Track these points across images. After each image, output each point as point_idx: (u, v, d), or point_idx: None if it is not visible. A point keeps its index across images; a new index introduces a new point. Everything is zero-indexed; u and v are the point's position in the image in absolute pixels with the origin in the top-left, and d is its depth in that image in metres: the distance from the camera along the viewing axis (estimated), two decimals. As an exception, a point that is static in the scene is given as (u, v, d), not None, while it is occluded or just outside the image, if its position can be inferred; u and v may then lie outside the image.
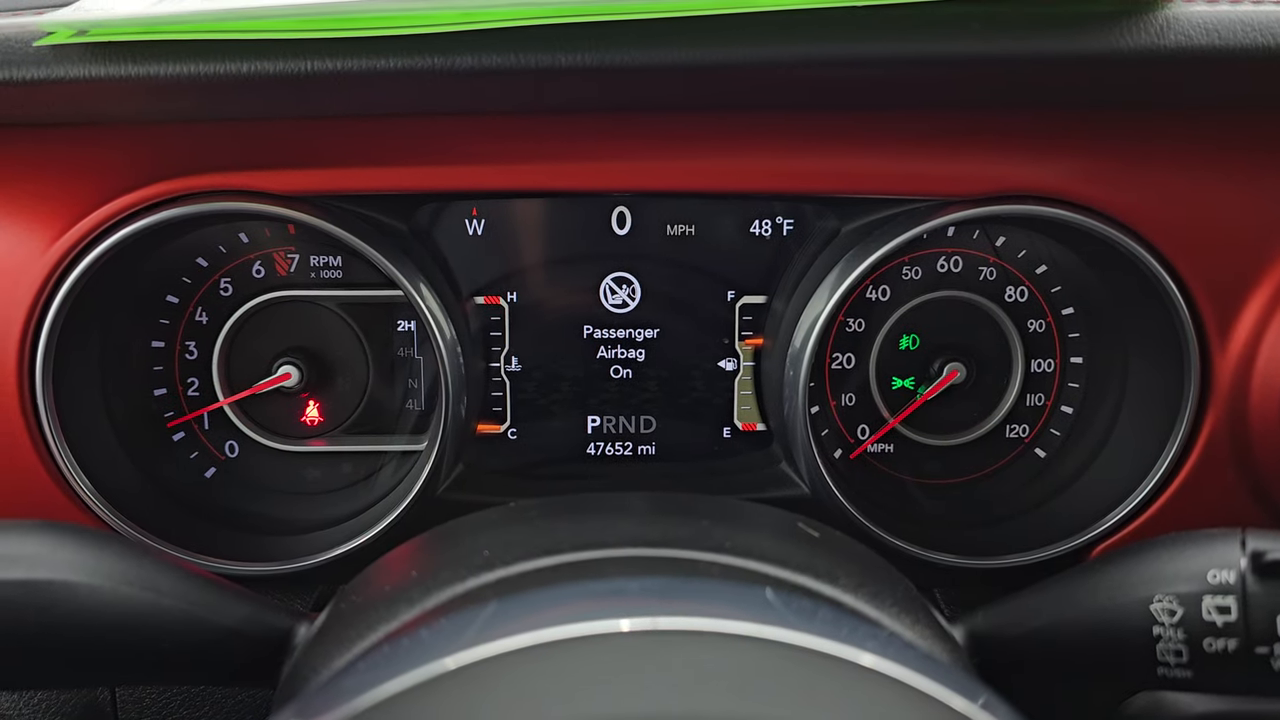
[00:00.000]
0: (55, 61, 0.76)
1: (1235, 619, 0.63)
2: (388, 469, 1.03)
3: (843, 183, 0.93)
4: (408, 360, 1.02)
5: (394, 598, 0.62)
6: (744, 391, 1.05)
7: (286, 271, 1.00)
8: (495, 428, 1.05)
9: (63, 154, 0.88)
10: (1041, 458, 1.03)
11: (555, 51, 0.74)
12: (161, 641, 0.65)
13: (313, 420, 1.02)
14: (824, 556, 0.67)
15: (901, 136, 0.92)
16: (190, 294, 1.00)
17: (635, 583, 0.56)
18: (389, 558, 0.72)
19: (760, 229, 1.02)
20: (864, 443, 1.03)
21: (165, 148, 0.88)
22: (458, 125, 0.91)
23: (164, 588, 0.66)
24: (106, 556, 0.65)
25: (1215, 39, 0.77)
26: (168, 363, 1.00)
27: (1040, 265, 1.00)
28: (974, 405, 1.03)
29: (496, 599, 0.56)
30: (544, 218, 1.02)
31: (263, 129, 0.89)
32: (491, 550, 0.63)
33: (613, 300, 1.03)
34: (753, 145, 0.93)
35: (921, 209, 0.92)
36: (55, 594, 0.61)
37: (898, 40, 0.77)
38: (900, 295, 1.01)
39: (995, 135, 0.91)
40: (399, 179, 0.91)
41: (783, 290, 1.01)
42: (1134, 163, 0.90)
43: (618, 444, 1.06)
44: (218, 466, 1.02)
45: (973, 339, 1.02)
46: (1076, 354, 1.02)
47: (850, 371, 1.02)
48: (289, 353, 1.00)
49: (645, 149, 0.93)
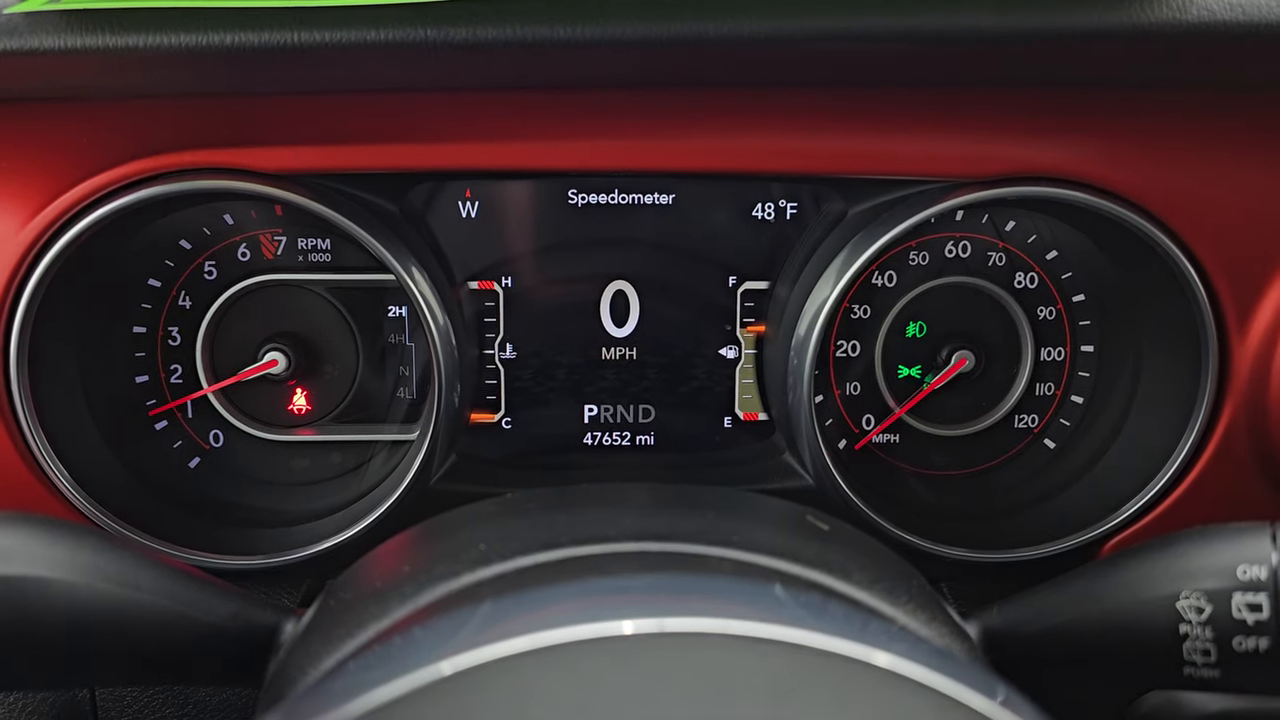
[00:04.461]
0: (28, 31, 0.72)
1: (1267, 617, 0.60)
2: (378, 459, 1.00)
3: (849, 163, 0.90)
4: (398, 347, 0.99)
5: (385, 593, 0.59)
6: (745, 380, 1.02)
7: (273, 254, 0.97)
8: (489, 417, 1.02)
9: (37, 129, 0.84)
10: (1051, 449, 1.01)
11: (554, 24, 0.71)
12: (141, 641, 0.62)
13: (300, 409, 0.99)
14: (836, 550, 0.64)
15: (910, 115, 0.89)
16: (173, 277, 0.96)
17: (640, 580, 0.54)
18: (379, 551, 0.69)
19: (763, 212, 0.99)
20: (869, 433, 1.00)
21: (145, 123, 0.84)
22: (451, 101, 0.88)
23: (144, 584, 0.62)
24: (83, 551, 0.62)
25: (1240, 14, 0.75)
26: (150, 349, 0.97)
27: (1050, 251, 0.97)
28: (982, 395, 1.00)
29: (493, 597, 0.53)
30: (540, 200, 0.99)
31: (247, 104, 0.86)
32: (488, 544, 0.60)
33: (610, 286, 1.00)
34: (755, 123, 0.90)
35: (930, 191, 0.89)
36: (28, 590, 0.58)
37: (910, 14, 0.75)
38: (907, 281, 0.98)
39: (1007, 114, 0.88)
40: (390, 157, 0.88)
41: (786, 275, 0.98)
42: (1151, 144, 0.87)
43: (616, 433, 1.03)
44: (202, 456, 0.99)
45: (981, 326, 0.99)
46: (1088, 342, 0.99)
47: (855, 360, 0.99)
48: (276, 338, 0.97)
49: (644, 126, 0.90)
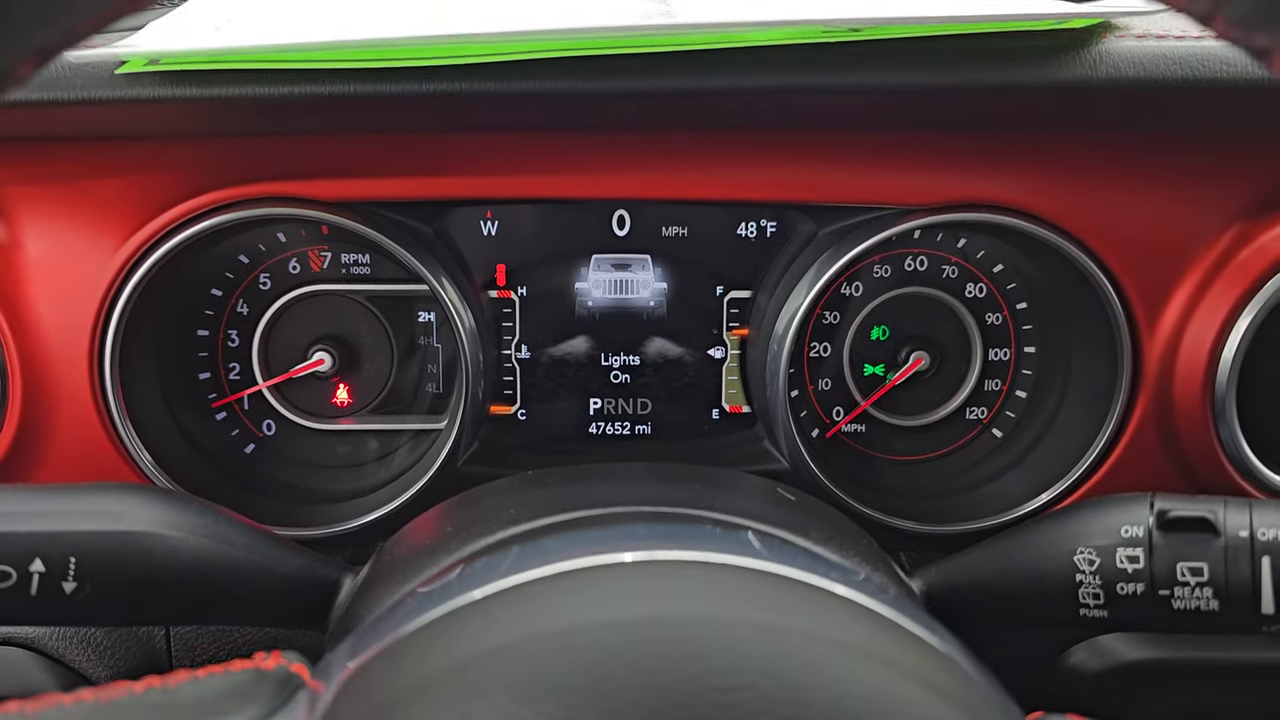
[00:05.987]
0: (130, 85, 0.87)
1: (1142, 566, 0.75)
2: (406, 446, 1.14)
3: (821, 193, 1.05)
4: (426, 347, 1.14)
5: (434, 549, 0.73)
6: (731, 377, 1.16)
7: (319, 268, 1.11)
8: (506, 409, 1.16)
9: (132, 164, 0.99)
10: (998, 437, 1.15)
11: (603, 79, 0.87)
12: (234, 585, 0.76)
13: (342, 401, 1.13)
14: (798, 515, 0.79)
15: (872, 152, 1.03)
16: (232, 287, 1.10)
17: (640, 529, 0.68)
18: (423, 519, 0.83)
19: (746, 231, 1.13)
20: (838, 423, 1.15)
21: (219, 160, 0.99)
22: (477, 140, 1.02)
23: (236, 541, 0.77)
24: (190, 513, 0.76)
25: (1141, 71, 0.89)
26: (211, 349, 1.11)
27: (997, 264, 1.12)
28: (936, 390, 1.15)
29: (519, 546, 0.67)
30: (551, 220, 1.13)
31: (305, 143, 1.00)
32: (516, 509, 0.74)
33: (613, 295, 1.14)
34: (741, 159, 1.04)
35: (890, 215, 1.03)
36: (152, 544, 0.73)
37: (869, 72, 0.90)
38: (872, 290, 1.12)
39: (955, 152, 1.02)
40: (425, 188, 1.03)
41: (766, 285, 1.12)
42: (1072, 177, 1.01)
43: (617, 424, 1.17)
44: (256, 443, 1.13)
45: (937, 330, 1.13)
46: (1029, 344, 1.13)
47: (826, 359, 1.14)
48: (321, 340, 1.11)
49: (644, 162, 1.05)
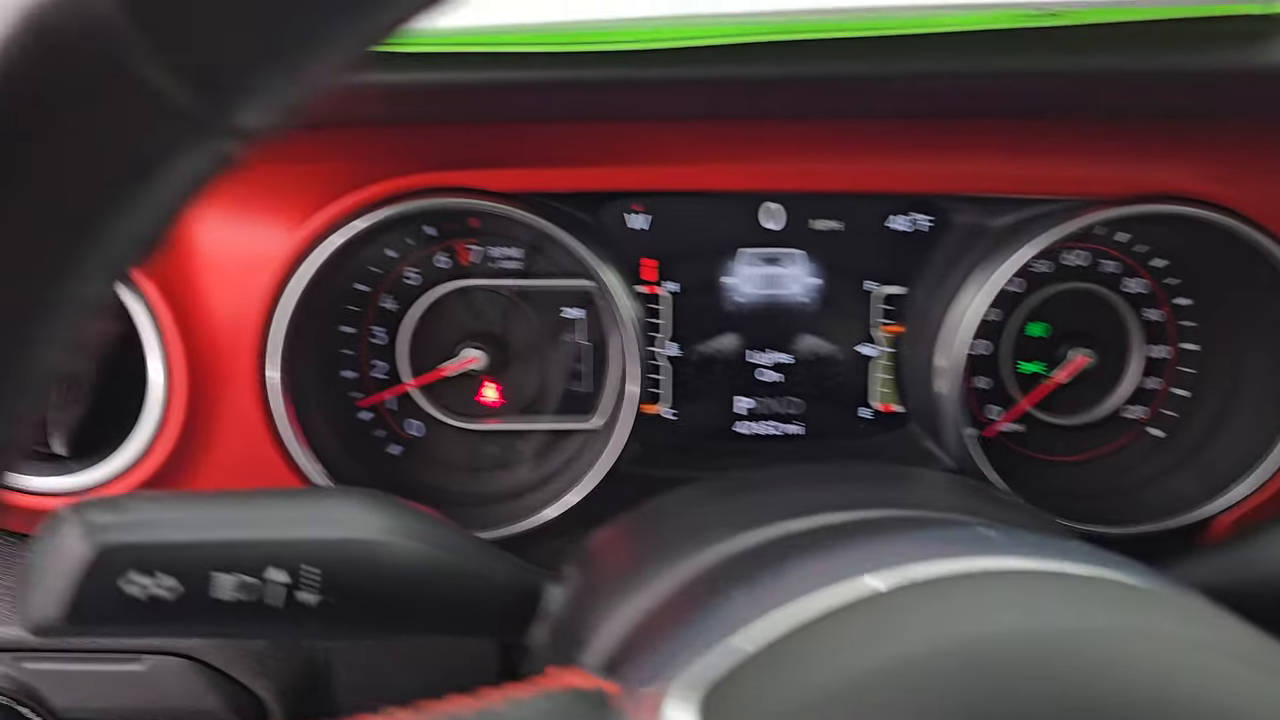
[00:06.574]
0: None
1: None
2: (558, 446, 1.11)
3: (988, 184, 1.02)
4: (575, 345, 1.10)
5: (678, 543, 0.68)
6: (883, 375, 1.13)
7: (468, 262, 1.08)
8: (655, 409, 1.13)
9: (298, 153, 0.96)
10: (1159, 437, 1.12)
11: (803, 63, 0.84)
12: (450, 593, 0.73)
13: (491, 401, 1.10)
14: (1028, 516, 0.76)
15: (1043, 142, 1.01)
16: (378, 282, 1.07)
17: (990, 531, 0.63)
18: (633, 522, 0.80)
19: (900, 225, 1.10)
20: (997, 422, 1.12)
21: (394, 148, 0.96)
22: (634, 130, 1.00)
23: (452, 546, 0.74)
24: (405, 519, 0.73)
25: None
26: (355, 347, 1.08)
27: (1160, 259, 1.09)
28: (1092, 388, 1.12)
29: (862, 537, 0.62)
30: (701, 212, 1.10)
31: (468, 133, 0.97)
32: (755, 514, 0.71)
33: (763, 290, 1.11)
34: (900, 149, 1.01)
35: (1065, 208, 1.00)
36: (378, 551, 0.70)
37: (1066, 56, 0.87)
38: (1033, 286, 1.10)
39: (1132, 141, 1.00)
40: (589, 180, 1.00)
41: (923, 281, 1.09)
42: (1262, 165, 0.98)
43: (766, 423, 1.14)
44: (404, 445, 1.10)
45: (1096, 326, 1.10)
46: (1191, 341, 1.10)
47: (987, 357, 1.11)
48: (469, 337, 1.08)
49: (799, 153, 1.02)
